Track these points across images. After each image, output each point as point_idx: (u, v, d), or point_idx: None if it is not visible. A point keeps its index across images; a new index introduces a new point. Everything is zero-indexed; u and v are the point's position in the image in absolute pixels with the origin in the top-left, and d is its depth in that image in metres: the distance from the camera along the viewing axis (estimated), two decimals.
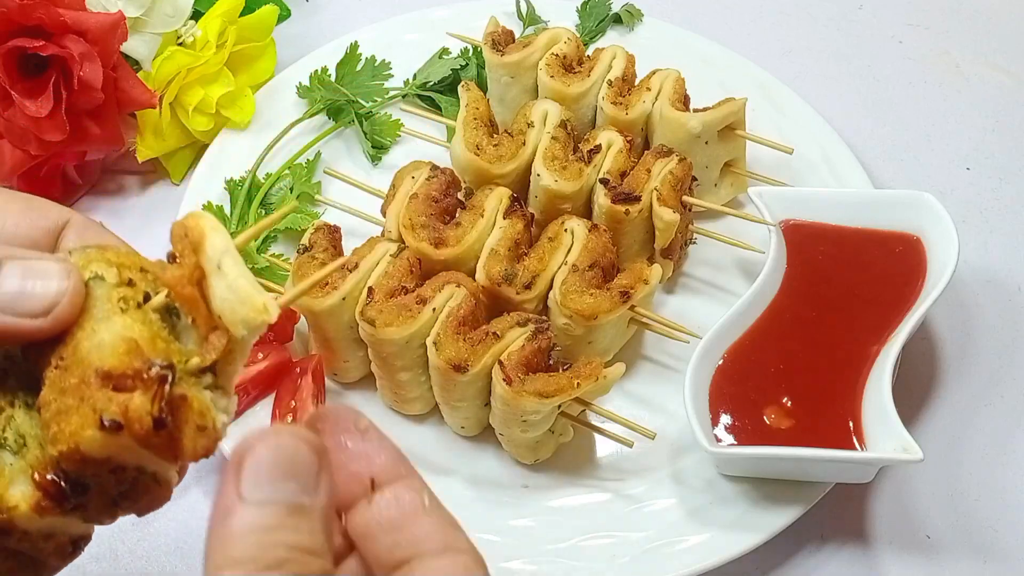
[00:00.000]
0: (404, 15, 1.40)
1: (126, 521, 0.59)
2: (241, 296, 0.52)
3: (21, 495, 0.53)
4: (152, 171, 1.30)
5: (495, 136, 1.13)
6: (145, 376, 0.50)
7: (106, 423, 0.49)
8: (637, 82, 1.18)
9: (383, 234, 1.08)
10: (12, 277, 0.55)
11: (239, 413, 1.04)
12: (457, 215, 1.07)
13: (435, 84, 1.31)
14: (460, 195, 1.11)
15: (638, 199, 1.07)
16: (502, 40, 1.23)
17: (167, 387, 0.51)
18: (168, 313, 0.55)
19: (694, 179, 1.12)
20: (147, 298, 0.54)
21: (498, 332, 0.97)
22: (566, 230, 1.05)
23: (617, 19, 1.39)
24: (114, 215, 1.26)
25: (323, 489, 0.49)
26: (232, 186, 1.21)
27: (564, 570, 0.96)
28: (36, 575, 0.59)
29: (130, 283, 0.54)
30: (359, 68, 1.32)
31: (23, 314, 0.53)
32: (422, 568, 0.51)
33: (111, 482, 0.53)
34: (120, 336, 0.52)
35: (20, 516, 0.53)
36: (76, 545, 0.58)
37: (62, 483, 0.53)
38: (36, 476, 0.53)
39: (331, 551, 0.49)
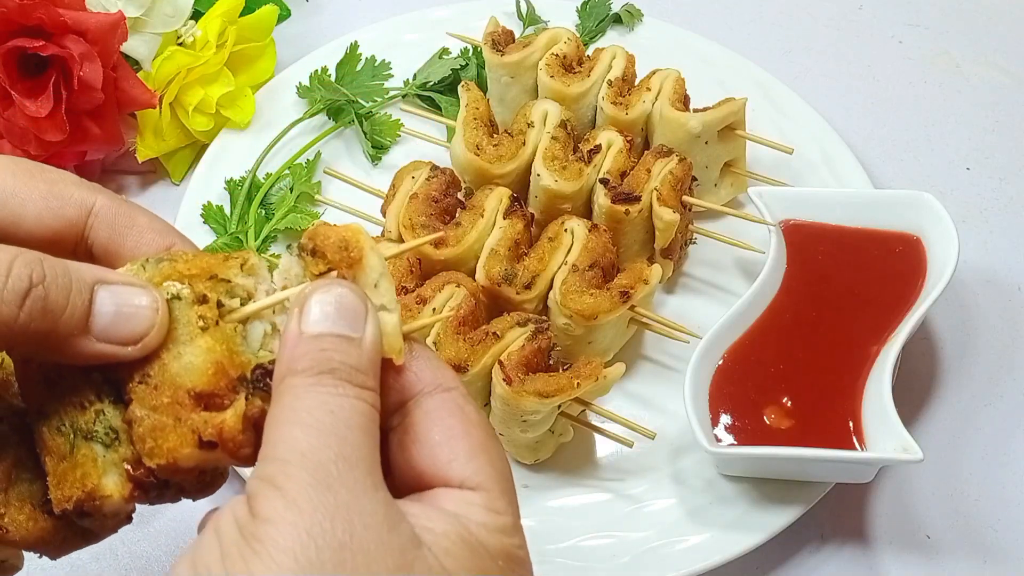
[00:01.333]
0: (404, 15, 1.39)
1: None
2: (387, 329, 0.57)
3: (114, 485, 0.57)
4: (152, 171, 1.30)
5: (495, 136, 1.13)
6: (232, 393, 0.56)
7: (204, 442, 0.55)
8: (637, 82, 1.18)
9: (383, 234, 1.08)
10: (107, 303, 0.57)
11: None
12: (457, 215, 1.07)
13: (435, 84, 1.31)
14: (460, 195, 1.11)
15: (638, 199, 1.07)
16: (502, 40, 1.22)
17: (250, 403, 0.56)
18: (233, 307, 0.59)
19: (694, 179, 1.12)
20: (219, 304, 0.58)
21: (498, 332, 0.97)
22: (566, 230, 1.05)
23: (617, 19, 1.39)
24: None
25: (370, 328, 0.56)
26: (232, 186, 1.21)
27: (564, 570, 0.96)
28: (86, 543, 0.62)
29: (204, 299, 0.57)
30: (359, 68, 1.32)
31: (116, 341, 0.56)
32: (417, 408, 0.57)
33: (191, 481, 0.58)
34: (206, 359, 0.56)
35: (110, 504, 0.57)
36: (129, 517, 0.61)
37: (153, 479, 0.57)
38: (131, 470, 0.57)
39: (376, 385, 0.55)
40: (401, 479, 0.57)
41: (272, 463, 0.51)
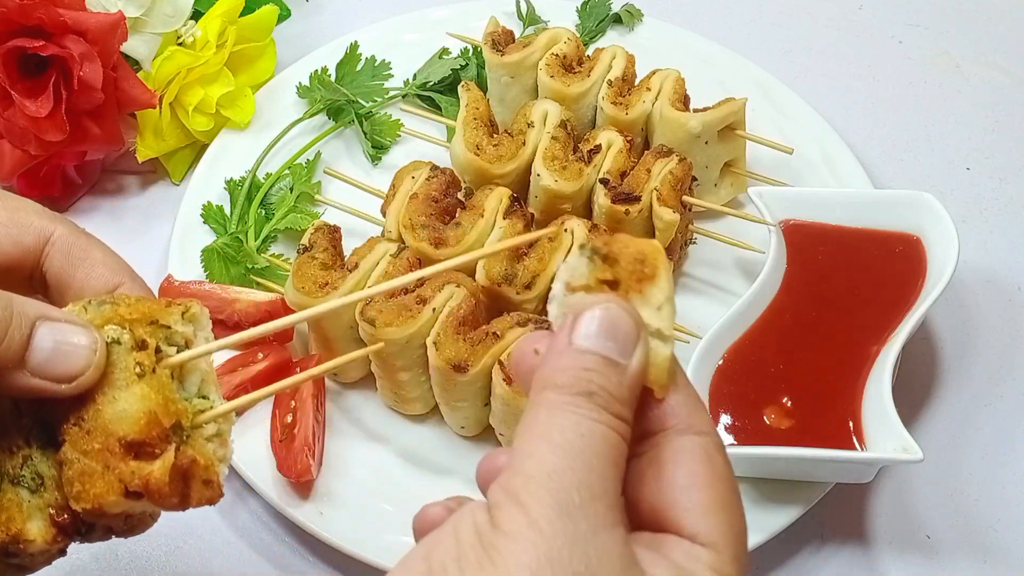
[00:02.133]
0: (404, 15, 1.39)
1: None
2: (656, 360, 0.55)
3: (38, 530, 0.59)
4: (152, 171, 1.30)
5: (495, 136, 1.13)
6: (162, 444, 0.56)
7: (130, 492, 0.56)
8: (637, 82, 1.18)
9: (383, 234, 1.08)
10: (46, 340, 0.57)
11: (239, 413, 1.04)
12: (457, 215, 1.07)
13: (435, 84, 1.31)
14: (460, 195, 1.11)
15: (638, 199, 1.07)
16: (502, 40, 1.22)
17: (180, 454, 0.56)
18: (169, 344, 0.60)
19: (694, 179, 1.12)
20: (158, 350, 0.58)
21: (498, 332, 0.97)
22: (566, 230, 1.05)
23: (617, 19, 1.39)
24: (114, 215, 1.26)
25: (637, 357, 0.55)
26: (232, 186, 1.21)
27: None
28: (22, 573, 0.63)
29: (143, 345, 0.58)
30: (359, 68, 1.32)
31: (50, 378, 0.57)
32: (666, 444, 0.56)
33: (118, 523, 0.60)
34: (140, 407, 0.57)
35: (34, 547, 0.59)
36: (63, 551, 0.62)
37: (78, 522, 0.59)
38: (54, 515, 0.59)
39: (632, 417, 0.54)
40: (633, 507, 0.56)
41: (518, 477, 0.51)
